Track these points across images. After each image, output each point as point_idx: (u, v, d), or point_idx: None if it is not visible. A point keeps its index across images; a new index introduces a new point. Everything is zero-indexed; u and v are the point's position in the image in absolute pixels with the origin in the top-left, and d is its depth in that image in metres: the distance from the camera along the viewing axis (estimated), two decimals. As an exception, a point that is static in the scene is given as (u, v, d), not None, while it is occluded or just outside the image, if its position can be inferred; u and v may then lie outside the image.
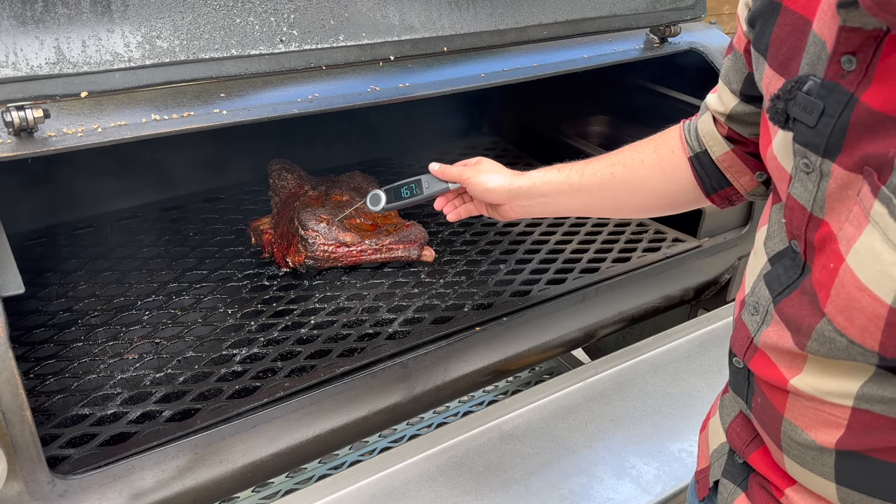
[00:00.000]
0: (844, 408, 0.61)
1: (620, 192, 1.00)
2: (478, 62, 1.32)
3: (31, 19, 0.90)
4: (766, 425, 0.71)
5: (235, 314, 1.36)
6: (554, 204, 1.05)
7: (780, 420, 0.68)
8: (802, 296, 0.62)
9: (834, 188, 0.56)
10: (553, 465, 1.24)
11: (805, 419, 0.65)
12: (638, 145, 1.00)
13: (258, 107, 1.09)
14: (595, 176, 1.01)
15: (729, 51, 0.83)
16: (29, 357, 1.23)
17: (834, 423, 0.62)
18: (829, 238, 0.57)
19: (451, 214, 1.15)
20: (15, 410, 0.87)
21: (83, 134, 0.96)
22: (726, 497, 0.82)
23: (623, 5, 1.46)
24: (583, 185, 1.02)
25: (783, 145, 0.63)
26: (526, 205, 1.07)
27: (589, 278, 1.48)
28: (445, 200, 1.15)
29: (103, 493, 0.99)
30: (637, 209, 1.04)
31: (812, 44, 0.59)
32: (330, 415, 1.18)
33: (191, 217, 1.70)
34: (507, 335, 1.36)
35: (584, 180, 1.01)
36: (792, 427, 0.67)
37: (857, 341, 0.56)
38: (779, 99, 0.60)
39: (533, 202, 1.06)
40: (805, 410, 0.65)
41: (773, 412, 0.69)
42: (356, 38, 1.16)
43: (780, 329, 0.66)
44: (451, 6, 1.25)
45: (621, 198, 1.01)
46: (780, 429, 0.68)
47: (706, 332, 1.64)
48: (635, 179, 0.98)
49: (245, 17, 1.06)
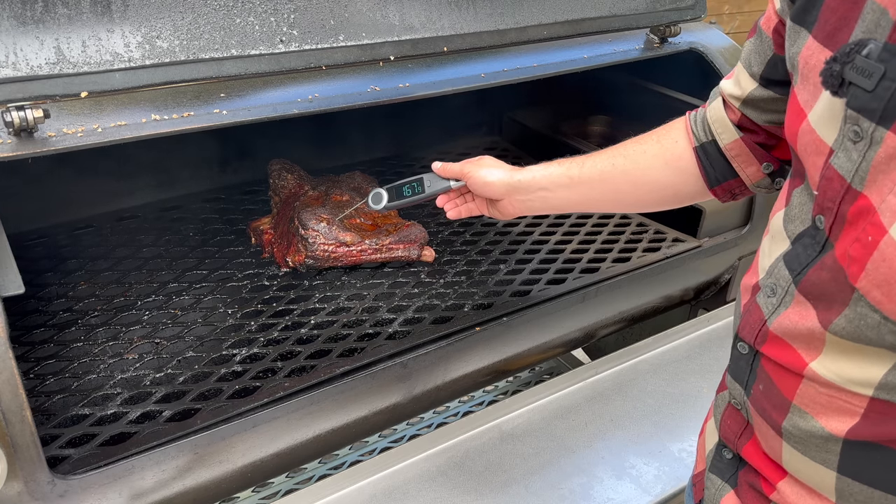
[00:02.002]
0: (863, 397, 0.60)
1: (621, 185, 1.00)
2: (478, 62, 1.32)
3: (31, 19, 0.90)
4: (765, 412, 0.70)
5: (235, 314, 1.36)
6: (554, 198, 1.05)
7: (787, 406, 0.67)
8: (821, 271, 0.62)
9: (882, 157, 0.55)
10: (553, 465, 1.24)
11: (816, 406, 0.64)
12: (640, 137, 1.00)
13: (258, 107, 1.09)
14: (596, 168, 1.00)
15: (752, 33, 0.82)
16: (29, 357, 1.23)
17: (849, 411, 0.62)
18: (867, 211, 0.56)
19: (452, 212, 1.15)
20: (15, 410, 0.87)
21: (83, 134, 0.96)
22: (713, 493, 0.81)
23: (623, 5, 1.46)
24: (583, 177, 1.01)
25: (828, 115, 0.62)
26: (525, 199, 1.06)
27: (589, 278, 1.48)
28: (447, 198, 1.15)
29: (103, 493, 0.99)
30: (637, 203, 1.04)
31: (869, 11, 0.58)
32: (330, 415, 1.18)
33: (191, 217, 1.70)
34: (507, 335, 1.36)
35: (585, 173, 1.01)
36: (800, 413, 0.66)
37: (892, 318, 0.55)
38: (835, 61, 0.59)
39: (533, 196, 1.06)
40: (817, 397, 0.64)
41: (780, 398, 0.68)
42: (356, 38, 1.16)
43: (802, 309, 0.65)
44: (451, 6, 1.25)
45: (622, 190, 1.00)
46: (784, 416, 0.67)
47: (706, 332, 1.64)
48: (637, 170, 0.98)
49: (245, 17, 1.06)
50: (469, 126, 2.18)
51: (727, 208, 1.66)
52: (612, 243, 1.63)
